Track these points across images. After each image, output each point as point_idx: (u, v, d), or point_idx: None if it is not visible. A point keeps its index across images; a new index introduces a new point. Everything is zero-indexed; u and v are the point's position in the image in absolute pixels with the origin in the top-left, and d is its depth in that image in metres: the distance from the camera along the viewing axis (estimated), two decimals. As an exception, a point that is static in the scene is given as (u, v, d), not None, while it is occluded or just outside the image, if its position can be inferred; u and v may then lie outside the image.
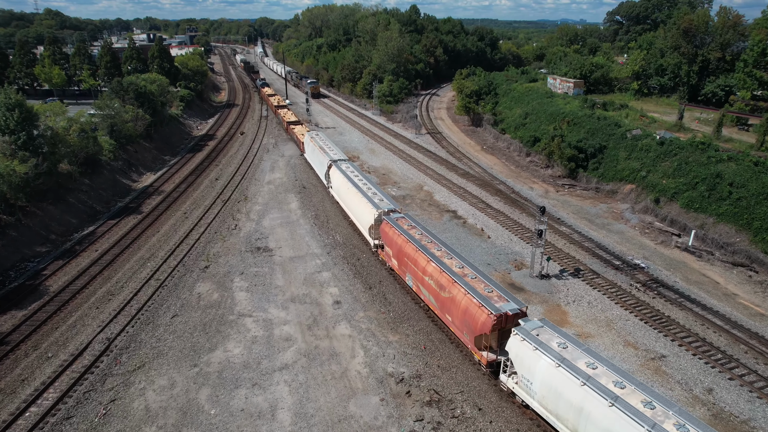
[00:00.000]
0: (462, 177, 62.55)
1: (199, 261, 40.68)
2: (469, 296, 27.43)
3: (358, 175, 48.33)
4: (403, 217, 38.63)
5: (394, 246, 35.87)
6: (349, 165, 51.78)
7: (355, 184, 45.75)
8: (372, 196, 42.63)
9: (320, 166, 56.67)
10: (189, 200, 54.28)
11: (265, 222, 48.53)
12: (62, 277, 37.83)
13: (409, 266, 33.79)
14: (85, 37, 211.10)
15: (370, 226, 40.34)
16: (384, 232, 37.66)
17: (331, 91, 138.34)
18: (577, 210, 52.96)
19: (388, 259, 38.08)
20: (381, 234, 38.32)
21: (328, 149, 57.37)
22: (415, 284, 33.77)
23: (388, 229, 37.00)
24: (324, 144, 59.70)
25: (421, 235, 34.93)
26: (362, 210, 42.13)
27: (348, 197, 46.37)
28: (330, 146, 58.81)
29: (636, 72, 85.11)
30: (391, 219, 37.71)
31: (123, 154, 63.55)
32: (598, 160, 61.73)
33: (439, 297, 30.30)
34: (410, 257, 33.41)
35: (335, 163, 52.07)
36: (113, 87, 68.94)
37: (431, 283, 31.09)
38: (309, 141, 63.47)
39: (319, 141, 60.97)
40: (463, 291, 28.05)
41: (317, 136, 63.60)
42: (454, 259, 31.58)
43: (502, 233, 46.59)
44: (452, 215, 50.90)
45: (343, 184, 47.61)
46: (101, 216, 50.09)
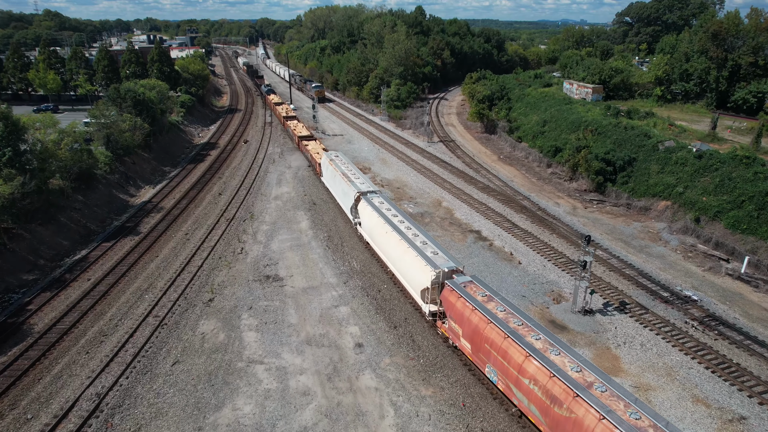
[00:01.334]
0: (482, 191, 58.53)
1: (202, 293, 36.66)
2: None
3: (397, 214, 39.32)
4: (471, 281, 29.65)
5: (465, 324, 27.37)
6: (383, 200, 42.56)
7: (395, 227, 36.88)
8: (423, 248, 33.42)
9: (344, 197, 48.30)
10: (191, 218, 50.27)
11: (274, 244, 44.52)
12: (49, 313, 33.81)
13: (493, 357, 25.15)
14: (84, 39, 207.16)
15: (424, 290, 31.60)
16: (448, 301, 29.06)
17: (336, 95, 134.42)
18: (611, 230, 48.94)
19: (454, 338, 29.23)
20: (443, 302, 29.83)
21: (352, 176, 48.60)
22: (503, 382, 24.89)
23: (453, 299, 28.52)
24: (347, 169, 50.76)
25: (506, 312, 26.36)
26: (411, 266, 33.18)
27: (387, 245, 37.30)
28: (355, 172, 50.11)
29: (659, 77, 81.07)
30: (457, 285, 29.02)
31: (120, 166, 59.56)
32: (628, 173, 57.75)
33: (550, 413, 21.45)
34: (494, 345, 24.91)
35: (365, 197, 43.27)
36: (110, 94, 64.98)
37: (535, 390, 22.32)
38: (327, 163, 54.83)
39: (341, 165, 52.02)
40: (596, 415, 19.34)
41: (337, 159, 54.63)
42: (564, 356, 22.76)
43: (533, 258, 42.56)
44: (476, 236, 46.89)
45: (379, 226, 38.86)
46: (95, 237, 46.08)
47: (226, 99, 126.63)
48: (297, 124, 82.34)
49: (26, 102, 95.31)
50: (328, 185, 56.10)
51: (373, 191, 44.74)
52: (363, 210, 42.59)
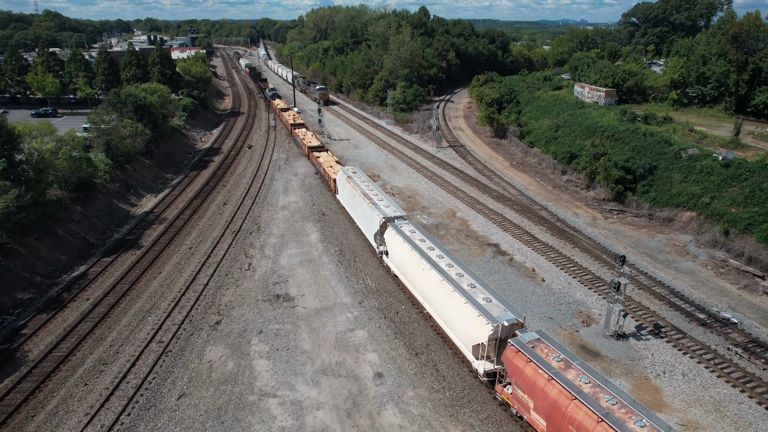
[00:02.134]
0: (497, 200, 56.28)
1: (208, 314, 34.41)
2: None
3: (433, 247, 34.50)
4: (539, 339, 24.67)
5: (538, 396, 22.58)
6: (414, 227, 37.87)
7: (433, 264, 32.06)
8: (472, 292, 28.45)
9: (366, 221, 43.36)
10: (195, 230, 48.02)
11: (283, 260, 42.26)
12: (45, 338, 31.57)
13: None
14: (84, 40, 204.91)
15: (478, 345, 26.78)
16: (512, 364, 24.15)
17: (340, 97, 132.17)
18: (635, 243, 46.69)
19: (521, 409, 24.16)
20: (506, 364, 24.74)
21: (375, 197, 43.99)
22: None
23: (520, 363, 23.71)
24: (368, 188, 46.39)
25: (591, 385, 21.40)
26: (458, 315, 28.17)
27: (425, 284, 32.34)
28: (377, 192, 45.63)
29: (675, 80, 78.79)
30: (524, 345, 24.10)
31: (120, 174, 57.32)
32: (648, 182, 55.50)
33: None
34: (584, 430, 20.11)
35: (392, 223, 38.89)
36: (110, 99, 62.73)
37: None
38: (344, 180, 50.38)
39: (361, 184, 47.46)
40: None
41: (355, 176, 50.32)
42: None
43: (557, 275, 40.31)
44: (495, 250, 44.64)
45: (412, 260, 34.02)
46: (95, 251, 43.83)
47: (229, 101, 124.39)
48: (306, 133, 77.81)
49: (24, 106, 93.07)
50: (345, 204, 50.83)
51: (401, 216, 40.07)
52: (391, 239, 38.00)
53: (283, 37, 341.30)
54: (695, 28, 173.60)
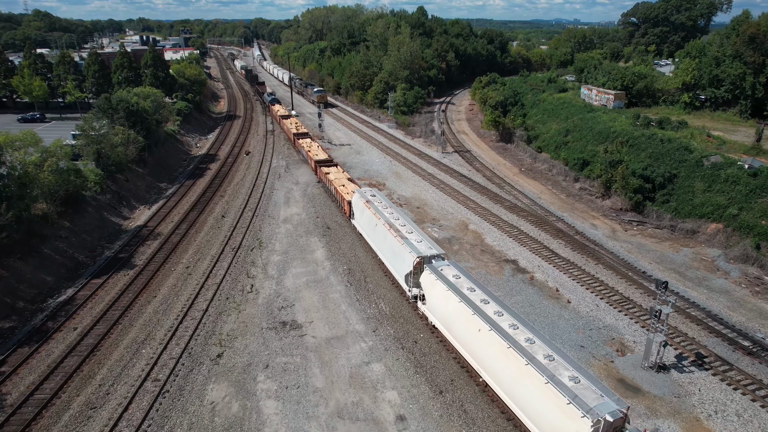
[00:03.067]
0: (510, 211, 53.51)
1: (209, 345, 31.36)
2: None
3: (486, 297, 28.12)
4: None
5: None
6: (458, 271, 31.44)
7: (493, 324, 25.83)
8: (553, 368, 22.53)
9: (393, 257, 36.89)
10: (192, 247, 44.87)
11: (288, 280, 39.23)
12: (27, 376, 28.41)
13: None
14: (74, 40, 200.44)
15: None
16: None
17: (338, 99, 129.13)
18: (659, 258, 44.04)
19: None
20: None
21: (403, 228, 37.65)
22: None
23: None
24: (392, 216, 39.97)
25: None
26: (538, 399, 22.43)
27: (482, 349, 26.33)
28: (404, 221, 39.01)
29: (687, 83, 76.38)
30: None
31: (112, 184, 54.04)
32: (668, 191, 52.93)
33: None
34: None
35: (430, 265, 32.43)
36: (100, 104, 59.38)
37: None
38: (362, 205, 43.95)
39: (383, 210, 41.17)
40: None
41: (375, 199, 43.91)
42: None
43: (583, 296, 37.55)
44: (514, 267, 41.85)
45: (461, 316, 27.89)
46: (84, 271, 40.60)
47: (224, 104, 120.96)
48: (311, 145, 70.41)
49: (11, 110, 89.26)
50: (363, 233, 44.31)
51: (439, 255, 33.68)
52: (430, 285, 31.70)
53: (277, 37, 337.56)
54: (696, 28, 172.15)
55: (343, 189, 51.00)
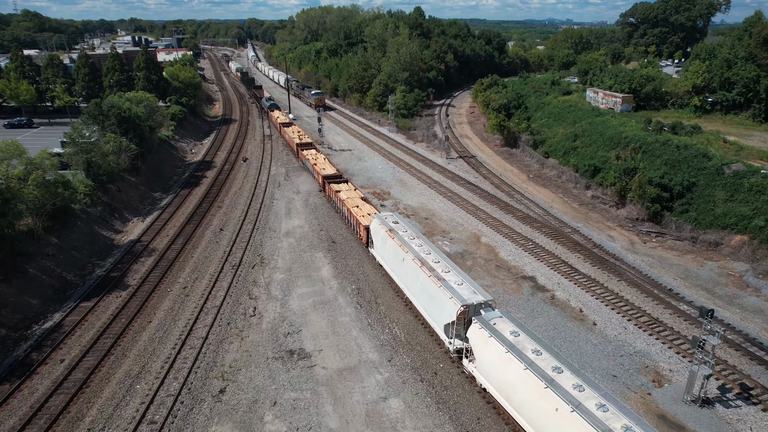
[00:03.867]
0: (523, 222, 51.14)
1: (210, 379, 28.67)
2: None
3: (559, 365, 23.01)
4: None
5: None
6: (516, 326, 26.12)
7: (573, 402, 20.73)
8: None
9: (429, 301, 31.27)
10: (189, 264, 42.11)
11: (293, 302, 36.58)
12: (7, 419, 25.60)
13: None
14: (64, 41, 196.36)
15: None
16: None
17: (336, 101, 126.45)
18: (684, 273, 41.77)
19: None
20: None
21: (438, 265, 32.22)
22: None
23: None
24: (424, 250, 34.38)
25: None
26: None
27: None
28: (438, 257, 33.47)
29: (697, 86, 74.43)
30: None
31: (103, 196, 51.15)
32: (687, 200, 50.74)
33: None
34: None
35: (480, 318, 27.10)
36: (90, 110, 56.39)
37: None
38: (384, 234, 38.33)
39: (411, 242, 35.68)
40: None
41: (399, 227, 38.28)
42: None
43: (608, 317, 35.18)
44: (532, 285, 39.43)
45: (528, 387, 22.87)
46: (73, 292, 37.76)
47: (219, 107, 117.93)
48: (317, 157, 64.48)
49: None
50: (386, 266, 38.42)
51: (487, 303, 28.20)
52: (481, 342, 26.39)
53: (271, 37, 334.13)
54: (695, 29, 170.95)
55: (357, 211, 45.33)
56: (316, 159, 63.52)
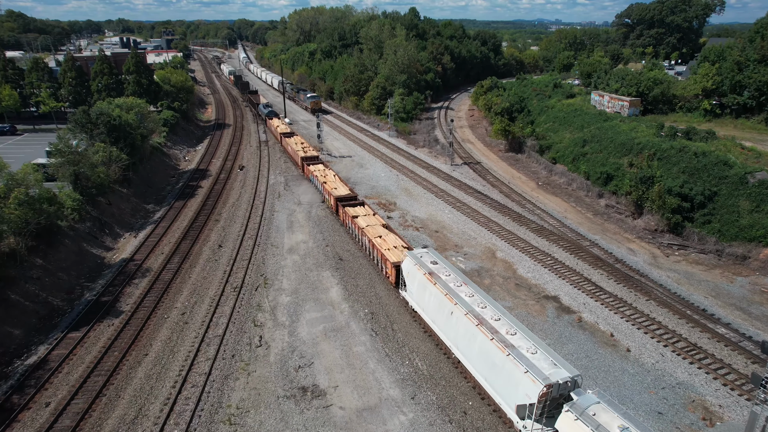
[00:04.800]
0: (538, 235, 48.65)
1: (216, 424, 25.72)
2: None
3: None
4: None
5: None
6: (623, 418, 20.70)
7: None
8: None
9: (492, 371, 25.70)
10: (186, 286, 39.03)
11: (302, 329, 33.70)
12: (-13, 479, 22.50)
13: None
14: (50, 42, 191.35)
15: None
16: None
17: (331, 104, 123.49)
18: (714, 290, 39.48)
19: None
20: None
21: (497, 323, 26.67)
22: None
23: None
24: (476, 302, 28.59)
25: None
26: None
27: None
28: (496, 311, 27.63)
29: (707, 88, 72.51)
30: None
31: (92, 210, 47.87)
32: (709, 210, 48.56)
33: None
34: None
35: (574, 405, 21.72)
36: (78, 118, 53.00)
37: None
38: (420, 276, 32.26)
39: (459, 290, 29.81)
40: None
41: (440, 269, 32.21)
42: None
43: (642, 342, 32.72)
44: (556, 306, 36.89)
45: None
46: (60, 320, 34.60)
47: (212, 111, 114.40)
48: (326, 173, 57.21)
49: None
50: (425, 316, 32.20)
51: (573, 380, 22.81)
52: None
53: (262, 38, 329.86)
54: (690, 30, 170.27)
55: (381, 243, 39.04)
56: (325, 176, 56.79)
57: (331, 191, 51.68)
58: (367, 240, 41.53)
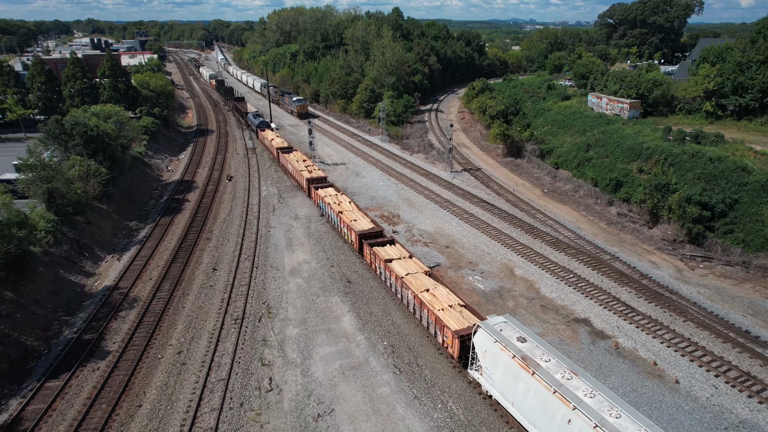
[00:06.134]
0: (555, 248, 45.84)
1: (227, 496, 21.89)
2: None
3: None
4: None
5: None
6: None
7: None
8: None
9: None
10: (181, 318, 34.89)
11: (316, 367, 30.00)
12: None
13: None
14: (14, 43, 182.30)
15: None
16: None
17: (317, 108, 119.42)
18: (750, 307, 37.15)
19: None
20: None
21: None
22: None
23: None
24: (608, 409, 20.17)
25: None
26: None
27: None
28: (632, 420, 19.56)
29: (708, 90, 71.09)
30: None
31: (69, 231, 43.20)
32: (731, 219, 46.49)
33: None
34: None
35: None
36: (50, 129, 48.11)
37: None
38: (507, 360, 24.36)
39: (576, 387, 21.64)
40: None
41: (530, 349, 24.30)
42: None
43: (690, 371, 29.99)
44: (589, 330, 33.99)
45: None
46: (35, 365, 30.20)
47: (192, 116, 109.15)
48: (340, 199, 49.24)
49: (-61, 129, 75.69)
50: (521, 416, 24.05)
51: None
52: None
53: (238, 39, 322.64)
54: (672, 30, 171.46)
55: (431, 299, 31.52)
56: (340, 203, 48.11)
57: (351, 224, 43.22)
58: (411, 294, 33.26)
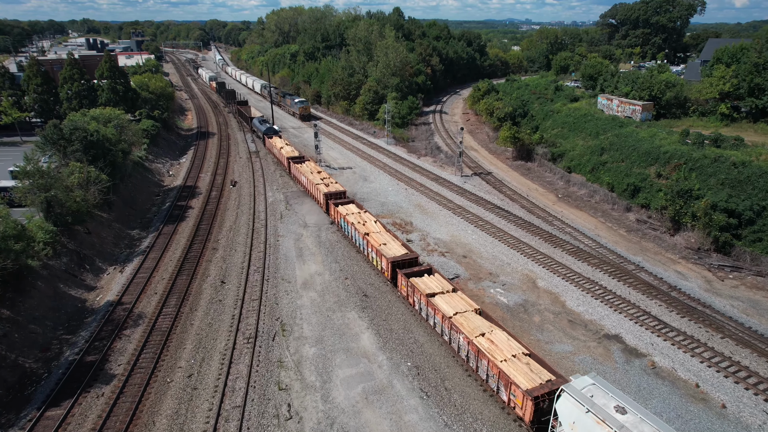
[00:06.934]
0: (577, 257, 44.01)
1: None
2: None
3: None
4: None
5: None
6: None
7: None
8: None
9: None
10: (190, 337, 32.84)
11: (337, 392, 28.00)
12: None
13: None
14: (9, 43, 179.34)
15: None
16: None
17: (319, 109, 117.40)
18: (787, 321, 35.38)
19: None
20: None
21: None
22: None
23: None
24: None
25: None
26: None
27: None
28: None
29: (724, 92, 69.46)
30: None
31: (69, 242, 41.05)
32: (759, 227, 44.77)
33: None
34: None
35: None
36: (48, 134, 45.93)
37: None
38: None
39: None
40: None
41: (631, 420, 19.96)
42: None
43: (737, 395, 28.18)
44: (621, 347, 32.15)
45: None
46: (34, 390, 28.09)
47: (192, 118, 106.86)
48: (365, 220, 43.90)
49: (-69, 133, 73.24)
50: None
51: None
52: None
53: (235, 39, 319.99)
54: (674, 30, 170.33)
55: (491, 347, 26.86)
56: (364, 223, 43.26)
57: (381, 249, 37.91)
58: (463, 339, 28.21)
